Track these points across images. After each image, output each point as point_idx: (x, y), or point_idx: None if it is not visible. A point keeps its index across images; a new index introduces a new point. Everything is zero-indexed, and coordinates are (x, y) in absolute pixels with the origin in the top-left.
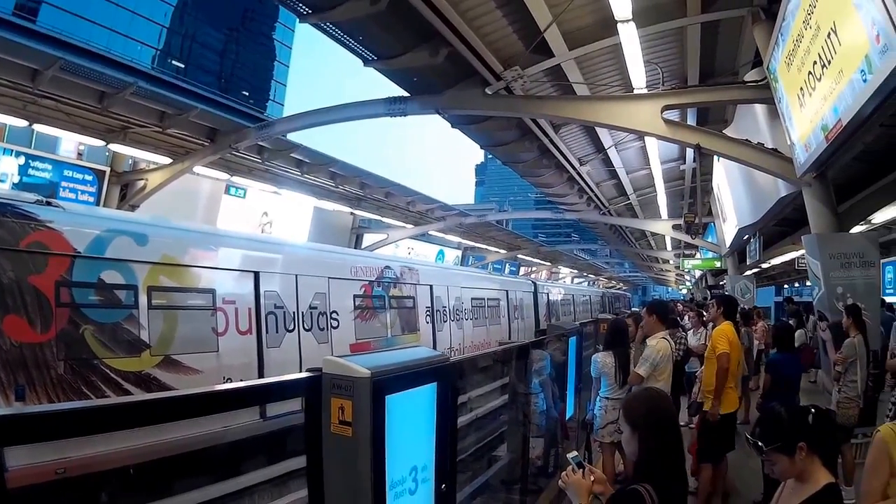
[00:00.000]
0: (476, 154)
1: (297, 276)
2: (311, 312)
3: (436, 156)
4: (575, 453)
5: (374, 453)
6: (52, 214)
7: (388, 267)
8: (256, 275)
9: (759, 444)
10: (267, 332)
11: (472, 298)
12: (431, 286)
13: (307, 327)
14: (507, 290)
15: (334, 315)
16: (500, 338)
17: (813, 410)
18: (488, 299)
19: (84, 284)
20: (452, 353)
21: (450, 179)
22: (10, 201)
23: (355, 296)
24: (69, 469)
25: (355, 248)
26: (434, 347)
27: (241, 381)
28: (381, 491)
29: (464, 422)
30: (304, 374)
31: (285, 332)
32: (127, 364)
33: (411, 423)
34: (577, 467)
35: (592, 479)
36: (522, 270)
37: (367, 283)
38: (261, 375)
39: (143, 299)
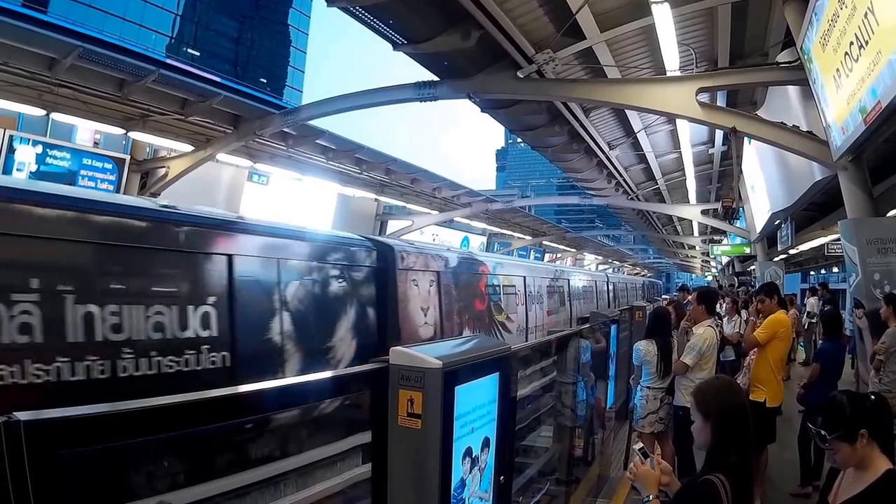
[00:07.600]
0: (497, 139)
1: (534, 278)
2: (538, 296)
3: (454, 141)
4: (641, 444)
5: (443, 446)
6: (481, 257)
7: (556, 269)
8: (524, 278)
9: (822, 432)
10: (529, 307)
11: (583, 286)
12: (569, 279)
13: (538, 305)
14: (595, 280)
15: (542, 298)
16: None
17: (872, 397)
18: (586, 285)
19: (490, 285)
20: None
21: (470, 165)
22: (470, 255)
23: (546, 287)
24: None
25: (379, 234)
26: (571, 322)
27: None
28: (448, 483)
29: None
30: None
31: (535, 306)
32: (500, 318)
33: (474, 414)
34: (644, 458)
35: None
36: (547, 257)
37: (549, 279)
38: (526, 328)
39: (501, 290)
